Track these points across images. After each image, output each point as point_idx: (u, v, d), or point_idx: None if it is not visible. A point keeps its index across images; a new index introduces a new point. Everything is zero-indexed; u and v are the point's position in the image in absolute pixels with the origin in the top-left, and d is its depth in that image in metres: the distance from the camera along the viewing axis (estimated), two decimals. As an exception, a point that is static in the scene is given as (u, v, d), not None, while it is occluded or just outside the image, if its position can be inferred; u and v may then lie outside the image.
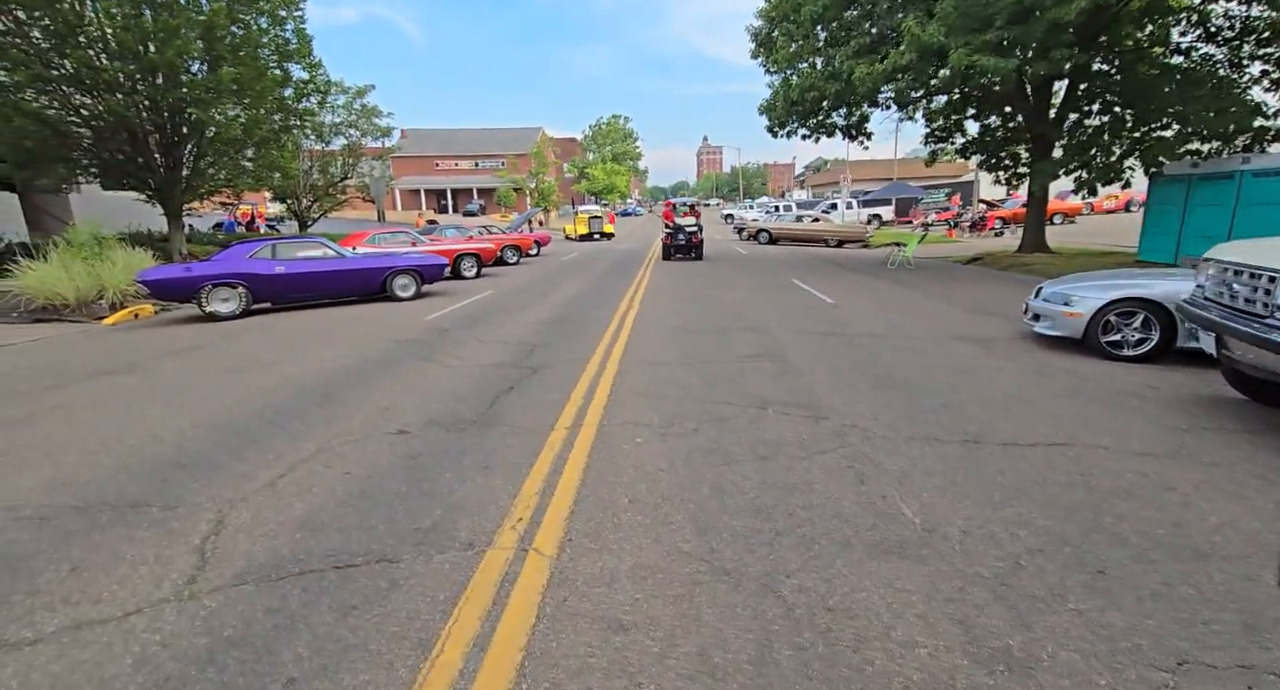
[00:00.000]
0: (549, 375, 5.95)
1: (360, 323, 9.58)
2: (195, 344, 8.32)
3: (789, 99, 14.65)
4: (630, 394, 5.18)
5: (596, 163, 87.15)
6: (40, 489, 3.70)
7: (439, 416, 4.83)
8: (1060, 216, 28.63)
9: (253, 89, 14.22)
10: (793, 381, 5.43)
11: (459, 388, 5.66)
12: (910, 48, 10.90)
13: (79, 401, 5.65)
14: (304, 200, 25.13)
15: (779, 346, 6.90)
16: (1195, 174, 12.01)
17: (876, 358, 6.23)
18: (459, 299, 11.96)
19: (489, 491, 3.42)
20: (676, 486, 3.35)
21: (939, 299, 10.27)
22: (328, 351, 7.51)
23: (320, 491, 3.53)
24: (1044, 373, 5.44)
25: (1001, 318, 8.37)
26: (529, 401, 5.11)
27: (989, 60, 10.38)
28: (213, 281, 10.39)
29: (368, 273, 11.72)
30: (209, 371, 6.69)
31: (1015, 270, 14.44)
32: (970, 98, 16.47)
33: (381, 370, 6.47)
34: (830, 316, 8.82)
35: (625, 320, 8.87)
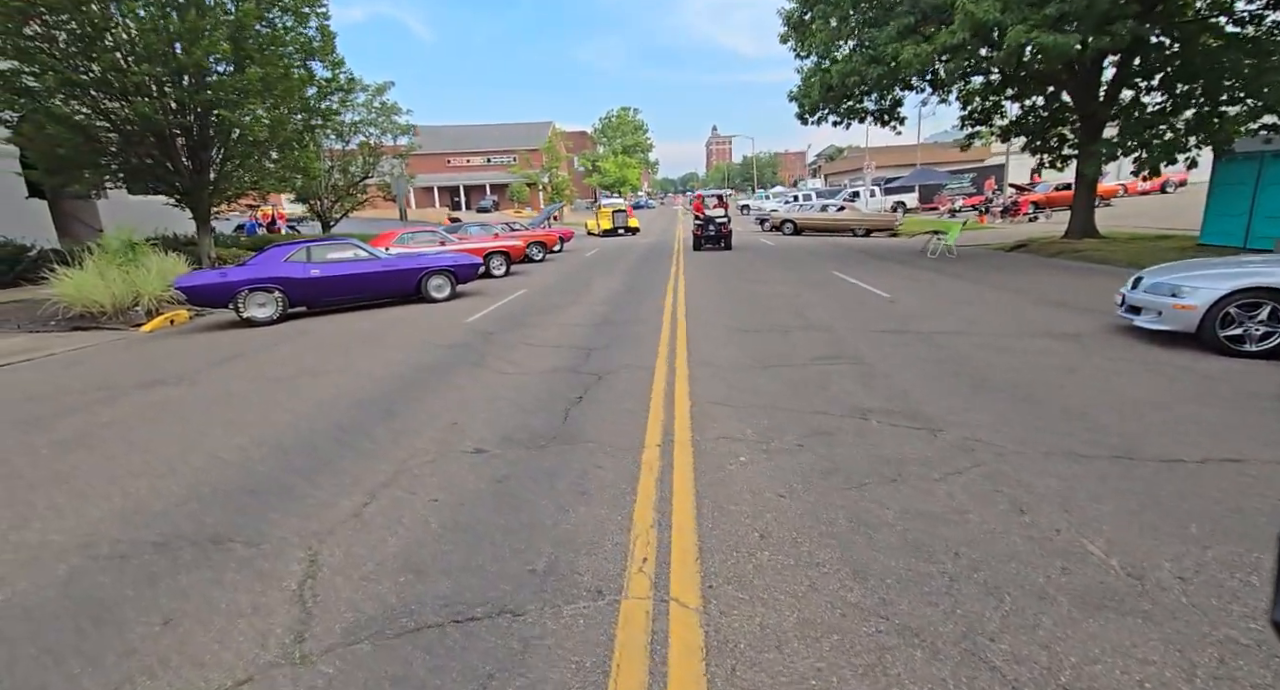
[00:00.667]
0: (616, 383, 5.63)
1: (400, 326, 9.34)
2: (237, 351, 8.12)
3: (826, 84, 14.11)
4: (712, 404, 4.86)
5: (607, 156, 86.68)
6: (113, 521, 3.46)
7: (513, 432, 4.54)
8: (1096, 199, 27.67)
9: (279, 88, 14.01)
10: (884, 386, 5.07)
11: (524, 398, 5.37)
12: (963, 26, 10.35)
13: (133, 417, 5.45)
14: (326, 200, 25.05)
15: (851, 347, 6.52)
16: (1269, 151, 11.36)
17: (963, 358, 5.84)
18: (494, 299, 11.69)
19: (597, 524, 3.11)
20: (808, 516, 3.02)
21: (1001, 290, 9.80)
22: (375, 358, 7.27)
23: (411, 523, 3.25)
24: (1161, 372, 5.02)
25: (1078, 310, 7.91)
26: (604, 413, 4.80)
27: (1048, 37, 9.81)
28: (249, 286, 10.21)
29: (402, 274, 11.49)
30: (259, 382, 6.47)
31: (1065, 257, 13.86)
32: (1013, 77, 15.80)
33: (436, 379, 6.21)
34: (892, 312, 8.40)
35: (676, 319, 8.53)
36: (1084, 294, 9.04)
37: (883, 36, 12.18)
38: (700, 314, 8.89)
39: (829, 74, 13.54)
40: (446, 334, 8.52)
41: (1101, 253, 13.30)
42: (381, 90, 23.92)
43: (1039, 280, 10.69)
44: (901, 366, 5.64)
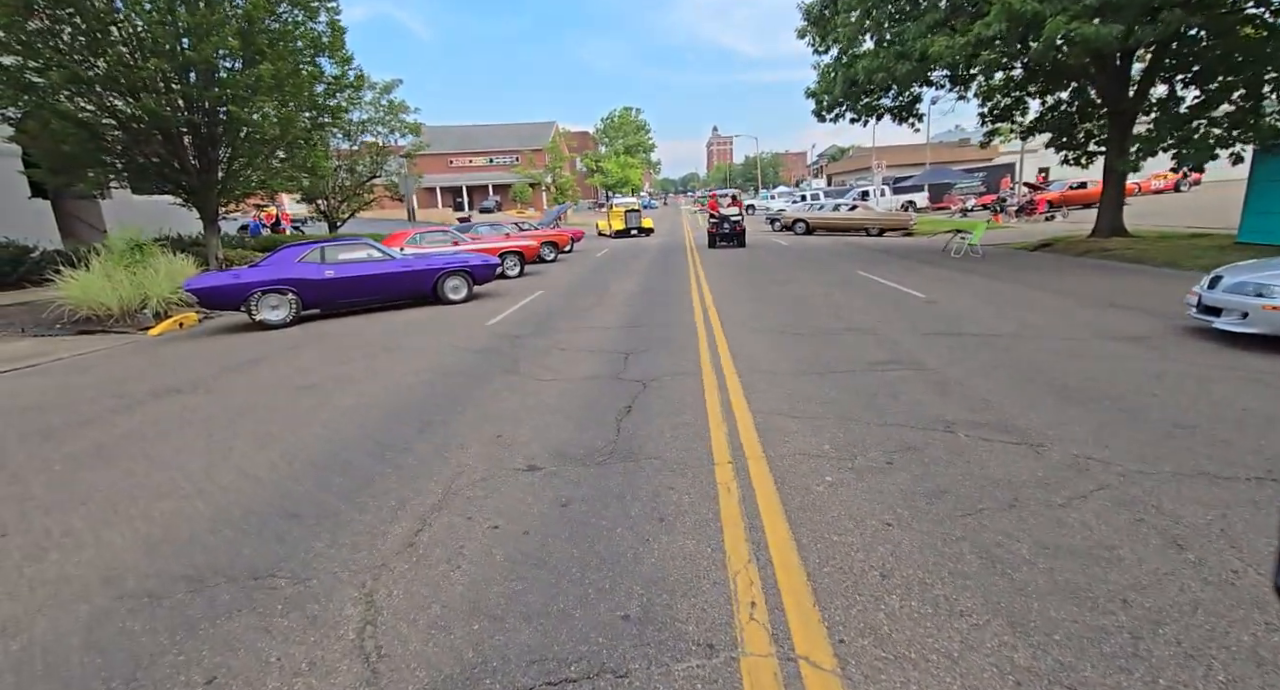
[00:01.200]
0: (664, 391, 5.28)
1: (419, 329, 9.00)
2: (254, 357, 7.78)
3: (850, 79, 13.76)
4: (776, 415, 4.51)
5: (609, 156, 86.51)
6: (138, 550, 3.12)
7: (565, 446, 4.19)
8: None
9: (289, 85, 13.68)
10: (959, 394, 4.72)
11: (568, 407, 5.02)
12: (999, 17, 9.99)
13: (151, 428, 5.10)
14: (333, 200, 24.70)
15: (905, 351, 6.17)
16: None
17: (1033, 363, 5.49)
18: (511, 300, 11.35)
19: (686, 558, 2.76)
20: (928, 551, 2.67)
21: (1042, 290, 9.44)
22: (400, 364, 6.93)
23: (474, 554, 2.90)
24: (1261, 380, 4.66)
25: (1135, 311, 7.56)
26: (661, 425, 4.45)
27: (1090, 28, 9.46)
28: (262, 288, 9.87)
29: (418, 275, 11.14)
30: (281, 390, 6.12)
31: (1095, 256, 13.50)
32: (1037, 72, 15.44)
33: (470, 387, 5.86)
34: (935, 314, 8.05)
35: (710, 322, 8.18)
36: (1133, 295, 8.68)
37: (912, 31, 11.82)
38: (733, 315, 8.54)
39: (854, 69, 13.18)
40: (471, 337, 8.18)
41: (1134, 252, 12.94)
42: (389, 88, 23.55)
43: (1079, 280, 10.33)
44: (970, 372, 5.29)
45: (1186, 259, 11.52)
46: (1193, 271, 10.71)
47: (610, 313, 9.50)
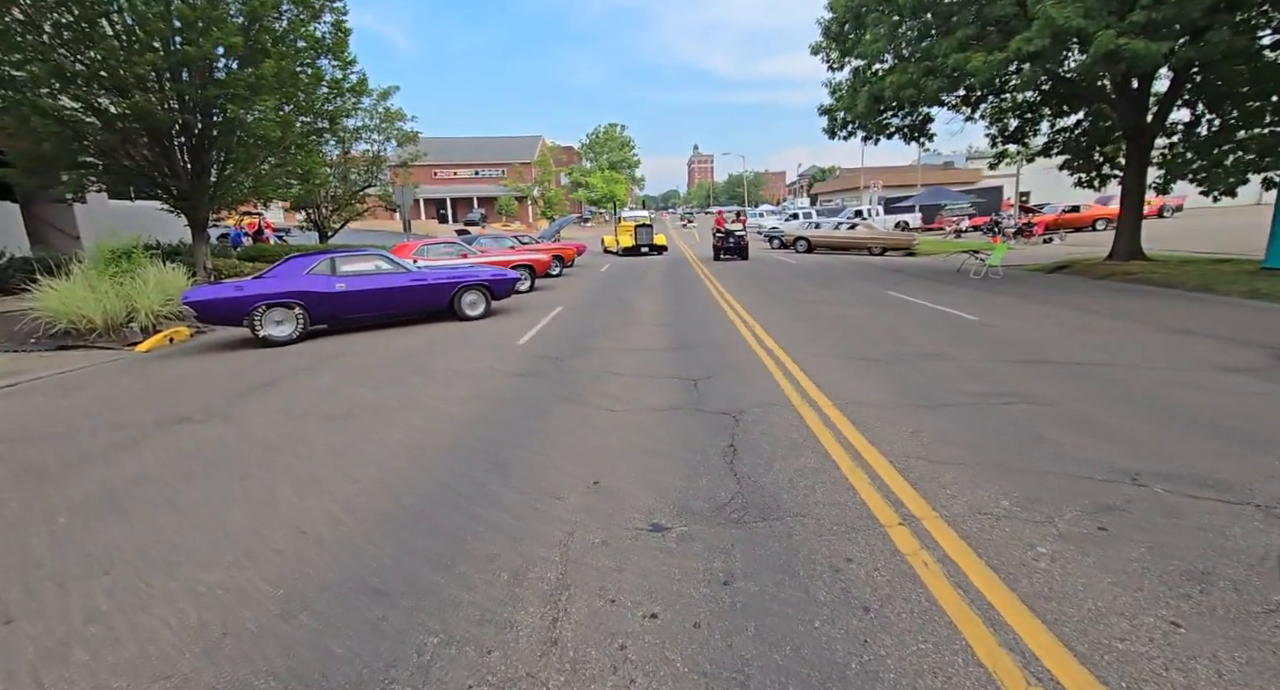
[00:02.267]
0: (762, 426, 4.69)
1: (444, 349, 8.28)
2: (265, 379, 6.98)
3: (875, 95, 13.53)
4: (914, 459, 3.94)
5: (594, 171, 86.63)
6: (193, 649, 2.40)
7: (683, 497, 3.56)
8: (1103, 222, 27.74)
9: (291, 86, 12.94)
10: (1106, 435, 4.21)
11: (660, 446, 4.39)
12: (1042, 32, 9.79)
13: (169, 468, 4.33)
14: (324, 209, 23.76)
15: (1003, 381, 5.68)
16: (1343, 174, 10.99)
17: (1157, 397, 5.03)
18: (533, 317, 10.68)
19: (935, 672, 2.15)
20: (1258, 670, 2.10)
21: (1097, 315, 9.11)
22: (437, 389, 6.23)
23: (645, 661, 2.25)
24: None
25: (1215, 338, 7.20)
26: (783, 471, 3.85)
27: (1139, 43, 9.29)
28: (267, 301, 9.07)
29: (434, 288, 10.42)
30: (310, 420, 5.38)
31: (1118, 279, 13.34)
32: (1052, 95, 15.45)
33: (530, 418, 5.20)
34: (1000, 338, 7.63)
35: (767, 345, 7.63)
36: (1198, 320, 8.38)
37: (944, 47, 11.61)
38: (787, 338, 8.00)
39: (881, 85, 12.93)
40: (506, 359, 7.50)
41: (1161, 275, 12.80)
42: (386, 95, 22.81)
43: (1124, 304, 10.05)
44: (1096, 408, 4.80)
45: (1220, 284, 11.37)
46: (1231, 296, 10.55)
47: (648, 333, 8.90)
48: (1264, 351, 6.42)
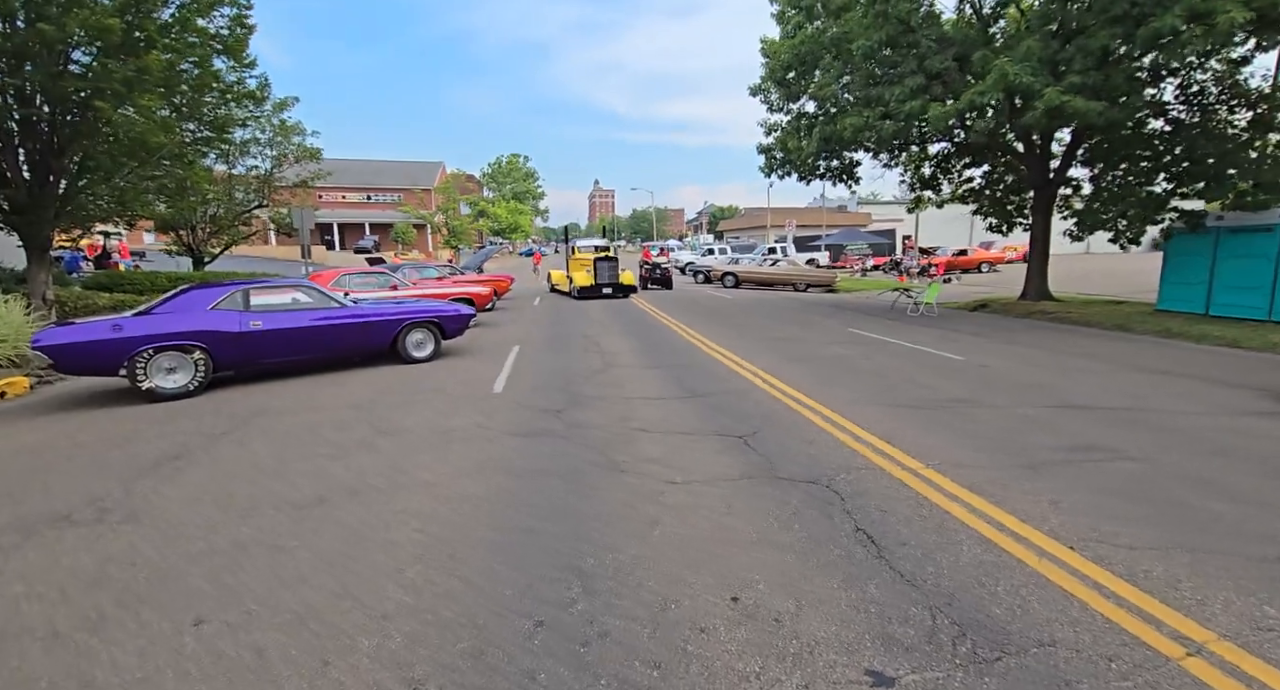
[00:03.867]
0: (871, 499, 3.93)
1: (405, 400, 6.84)
2: (171, 449, 5.24)
3: (826, 137, 13.81)
4: (1090, 541, 3.34)
5: (498, 200, 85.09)
6: None
7: (869, 621, 2.69)
8: (986, 265, 30.72)
9: (185, 85, 10.87)
10: (1248, 499, 3.88)
11: (772, 535, 3.50)
12: (996, 86, 10.34)
13: (52, 612, 2.77)
14: (201, 231, 20.55)
15: (1074, 432, 5.37)
16: (1223, 226, 12.50)
17: (1238, 447, 4.89)
18: (489, 358, 9.38)
19: None
20: None
21: (1062, 354, 9.41)
22: (426, 457, 4.92)
23: None
24: None
25: (1204, 380, 7.52)
26: (953, 567, 3.09)
27: (1080, 101, 10.02)
28: (156, 344, 7.13)
29: (375, 326, 8.84)
30: (264, 511, 3.91)
31: (1041, 317, 14.30)
32: (966, 145, 16.69)
33: (572, 494, 4.12)
34: (1006, 381, 7.52)
35: (785, 390, 6.97)
36: (1156, 360, 8.86)
37: (896, 94, 12.04)
38: (799, 382, 7.40)
39: (834, 128, 13.19)
40: (491, 412, 6.25)
41: (1077, 315, 13.87)
42: (283, 106, 20.36)
43: (1074, 343, 10.58)
44: (1196, 463, 4.54)
45: (1133, 324, 12.43)
46: (1148, 335, 11.50)
47: (640, 377, 7.97)
48: (1257, 393, 6.70)
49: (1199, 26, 9.19)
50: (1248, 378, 7.60)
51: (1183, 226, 12.70)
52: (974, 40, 13.05)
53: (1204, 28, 9.15)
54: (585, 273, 19.87)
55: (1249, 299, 12.16)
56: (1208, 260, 12.85)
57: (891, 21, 12.48)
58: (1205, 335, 10.83)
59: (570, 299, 20.04)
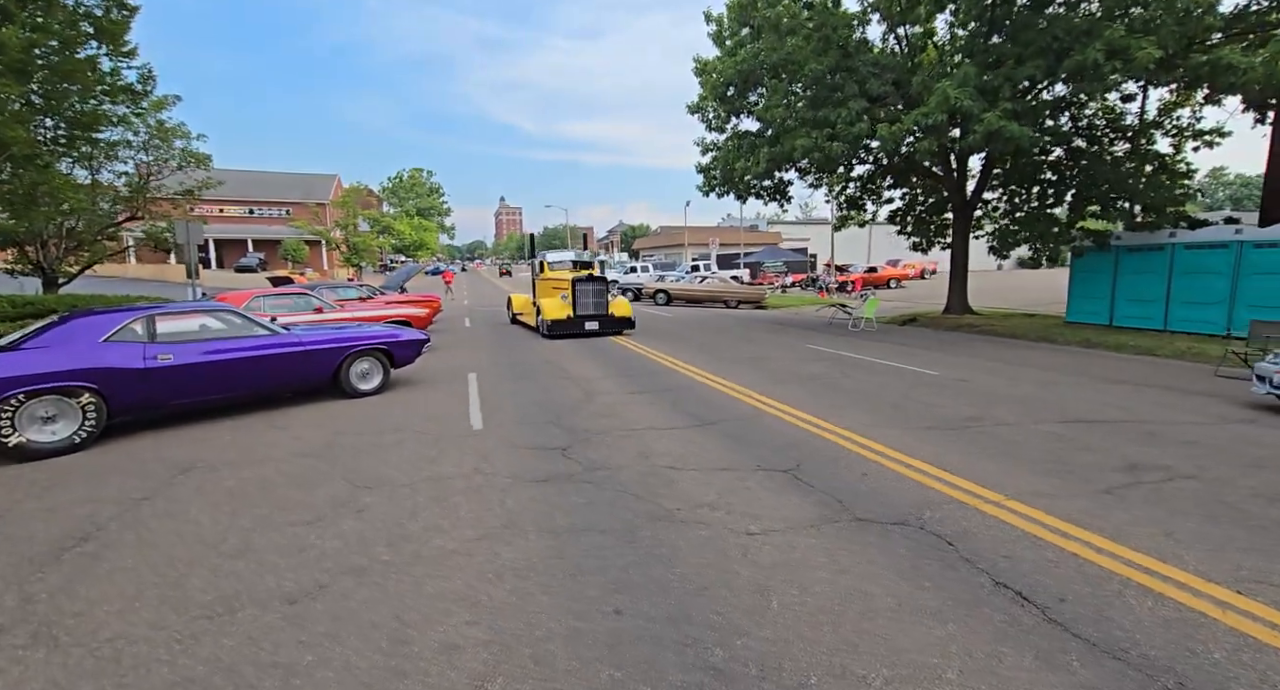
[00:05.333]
0: (974, 542, 3.55)
1: (373, 442, 5.77)
2: (72, 527, 3.95)
3: (774, 158, 13.92)
4: (1253, 583, 3.12)
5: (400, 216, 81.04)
6: None
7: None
8: (895, 281, 32.77)
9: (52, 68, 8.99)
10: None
11: (907, 596, 3.01)
12: (940, 108, 10.81)
13: None
14: (55, 247, 17.36)
15: (1108, 451, 5.34)
16: (1122, 245, 13.83)
17: (1247, 456, 5.03)
18: (445, 389, 8.35)
19: None
20: None
21: (1018, 365, 9.81)
22: (431, 516, 4.03)
23: None
24: None
25: (1157, 389, 7.98)
26: (1150, 632, 2.74)
27: (1014, 126, 10.68)
28: (29, 388, 5.58)
29: (316, 355, 7.58)
30: (244, 609, 2.91)
31: (968, 331, 15.13)
32: (890, 169, 17.58)
33: (632, 554, 3.46)
34: (999, 395, 7.60)
35: (798, 415, 6.58)
36: (1104, 369, 9.43)
37: (843, 115, 12.35)
38: (804, 404, 7.07)
39: (787, 148, 13.32)
40: (486, 454, 5.37)
41: (1002, 327, 14.79)
42: (160, 105, 17.75)
43: (1019, 355, 11.13)
44: (1243, 478, 4.58)
45: (1054, 335, 13.39)
46: (1073, 346, 12.38)
47: (633, 403, 7.30)
48: (1223, 401, 7.17)
49: (1117, 60, 10.08)
50: (1194, 384, 8.19)
51: (1092, 245, 13.91)
52: (902, 66, 13.75)
53: (1122, 62, 10.04)
54: (560, 301, 13.86)
55: (1146, 310, 13.49)
56: (1110, 276, 14.16)
57: (834, 47, 12.86)
58: (1122, 345, 11.80)
59: (503, 323, 18.84)
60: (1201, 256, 12.43)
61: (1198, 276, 12.50)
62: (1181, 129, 14.39)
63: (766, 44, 13.49)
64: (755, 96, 14.99)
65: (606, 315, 13.84)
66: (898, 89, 12.83)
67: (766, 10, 13.14)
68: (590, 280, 13.77)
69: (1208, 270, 12.31)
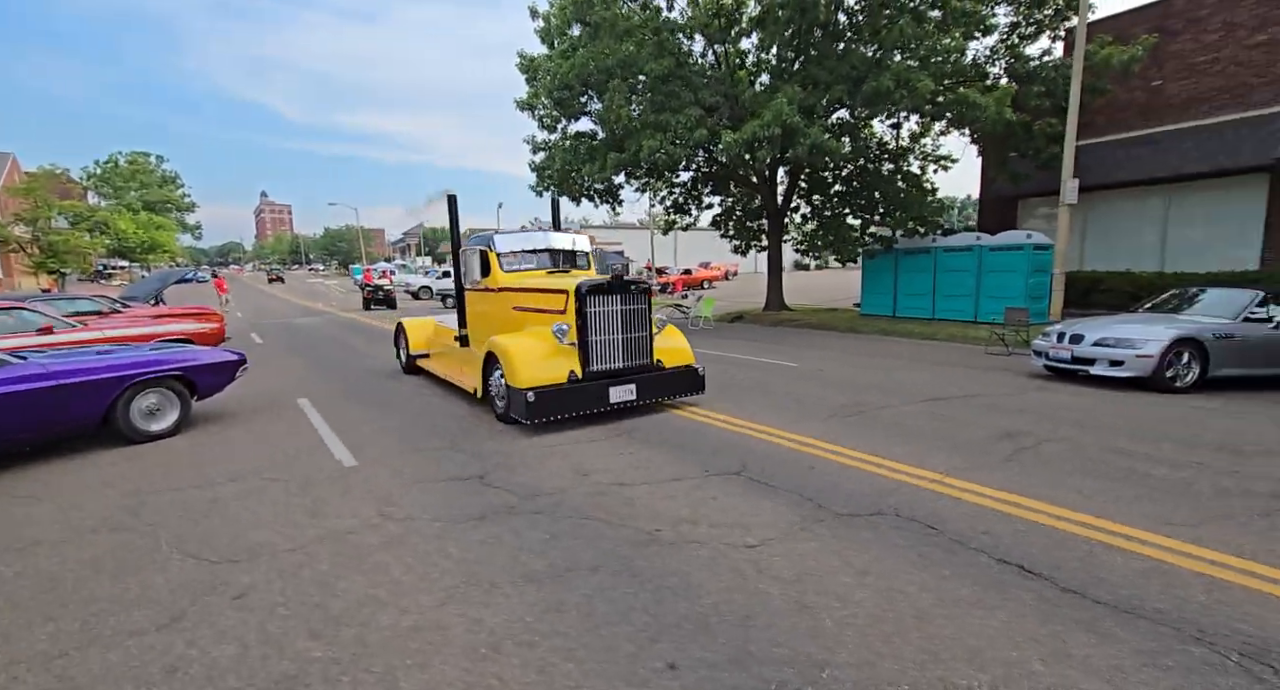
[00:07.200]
0: (1079, 571, 3.74)
1: (202, 498, 4.34)
2: None
3: (625, 162, 13.86)
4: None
5: (119, 211, 65.44)
6: None
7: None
8: (707, 282, 35.31)
9: None
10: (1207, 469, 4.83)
11: (945, 590, 3.01)
12: (775, 120, 11.75)
13: None
14: None
15: (993, 426, 6.12)
16: (900, 249, 16.49)
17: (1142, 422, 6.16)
18: (271, 423, 6.77)
19: None
20: None
21: (851, 354, 11.04)
22: (357, 585, 3.11)
23: None
24: (1195, 413, 6.35)
25: (961, 366, 9.51)
26: None
27: (833, 142, 12.05)
28: None
29: (74, 392, 5.54)
30: None
31: (788, 325, 16.77)
32: (713, 176, 18.83)
33: (655, 591, 3.03)
34: (860, 383, 8.38)
35: (726, 420, 6.48)
36: (914, 353, 11.04)
37: (683, 120, 12.80)
38: (706, 403, 7.02)
39: (631, 150, 13.33)
40: (390, 497, 4.36)
41: (816, 320, 16.67)
42: None
43: (844, 344, 12.57)
44: (1084, 441, 5.55)
45: (859, 326, 15.48)
46: (874, 335, 14.40)
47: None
48: (1008, 373, 8.76)
49: (904, 89, 11.92)
50: (984, 362, 9.91)
51: (880, 249, 16.36)
52: (726, 80, 14.77)
53: (908, 90, 11.90)
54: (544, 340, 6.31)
55: (920, 302, 16.25)
56: (892, 275, 16.80)
57: (668, 53, 13.26)
58: (910, 332, 14.02)
59: (311, 331, 16.00)
60: (955, 258, 15.33)
61: (954, 274, 15.39)
62: (926, 154, 17.70)
63: (603, 45, 13.44)
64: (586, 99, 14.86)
65: (651, 366, 6.73)
66: (727, 100, 13.70)
67: (604, 10, 13.08)
68: (612, 290, 6.41)
69: (960, 269, 15.22)
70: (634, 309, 6.50)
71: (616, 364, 6.43)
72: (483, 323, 7.71)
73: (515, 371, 5.97)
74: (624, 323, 6.43)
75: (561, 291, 6.42)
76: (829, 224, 16.57)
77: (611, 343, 6.39)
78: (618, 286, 6.38)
